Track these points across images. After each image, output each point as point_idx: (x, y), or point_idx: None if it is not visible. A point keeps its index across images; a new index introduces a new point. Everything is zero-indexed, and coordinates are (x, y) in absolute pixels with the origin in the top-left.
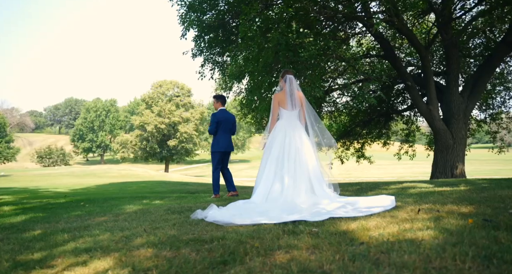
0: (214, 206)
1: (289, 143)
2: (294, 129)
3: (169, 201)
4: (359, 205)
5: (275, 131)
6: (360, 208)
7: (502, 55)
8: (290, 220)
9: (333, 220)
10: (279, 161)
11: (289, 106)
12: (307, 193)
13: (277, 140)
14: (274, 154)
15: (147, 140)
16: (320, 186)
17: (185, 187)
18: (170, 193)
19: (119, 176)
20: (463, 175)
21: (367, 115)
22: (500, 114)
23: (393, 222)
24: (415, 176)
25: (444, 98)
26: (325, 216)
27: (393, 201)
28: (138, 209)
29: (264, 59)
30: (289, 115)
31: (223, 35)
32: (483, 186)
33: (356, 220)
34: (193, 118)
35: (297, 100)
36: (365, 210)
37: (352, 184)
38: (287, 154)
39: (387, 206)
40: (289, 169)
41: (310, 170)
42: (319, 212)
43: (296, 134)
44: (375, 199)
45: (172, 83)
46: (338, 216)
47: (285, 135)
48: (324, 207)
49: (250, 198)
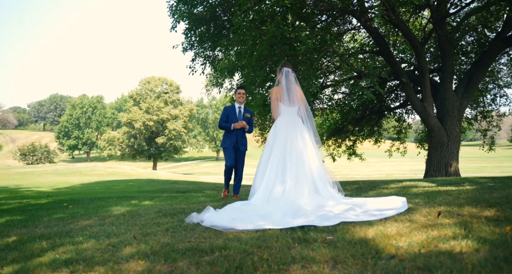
0: (210, 209)
1: (290, 143)
2: (296, 128)
3: (159, 201)
4: (368, 207)
5: (276, 129)
6: (371, 211)
7: (496, 53)
8: (297, 225)
9: (346, 225)
10: (281, 161)
11: (287, 102)
12: (310, 194)
13: (278, 139)
14: (275, 154)
15: (135, 137)
16: (324, 186)
17: (175, 186)
18: (159, 193)
19: (105, 174)
20: (457, 173)
21: (360, 113)
22: (491, 112)
23: (415, 228)
24: (403, 173)
25: (438, 95)
26: (335, 220)
27: (405, 203)
28: (126, 210)
29: (258, 52)
30: (288, 112)
31: (214, 28)
32: (489, 185)
33: (372, 225)
34: (182, 116)
35: (296, 96)
36: (376, 213)
37: (349, 183)
38: (289, 155)
39: (399, 208)
40: (291, 170)
41: (313, 170)
42: (327, 215)
43: (297, 133)
44: (385, 200)
45: (161, 80)
46: (349, 220)
47: (286, 134)
48: (330, 209)
49: (248, 200)
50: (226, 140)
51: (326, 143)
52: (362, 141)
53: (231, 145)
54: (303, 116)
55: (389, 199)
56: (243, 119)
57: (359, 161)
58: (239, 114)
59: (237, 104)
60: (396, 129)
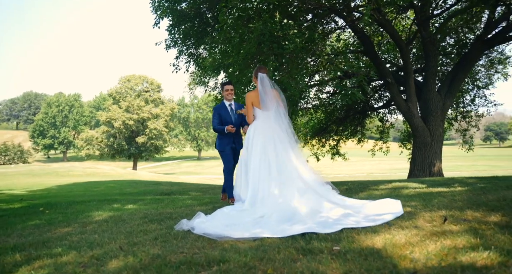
0: (201, 215)
1: (269, 146)
2: (273, 132)
3: (143, 205)
4: (366, 211)
5: (253, 133)
6: (371, 216)
7: (478, 54)
8: (296, 233)
9: (349, 233)
10: (262, 164)
11: (263, 107)
12: (300, 194)
13: (256, 143)
14: (255, 157)
15: (114, 136)
16: (315, 184)
17: (158, 187)
18: (142, 195)
19: (84, 175)
20: (440, 172)
21: (343, 113)
22: (470, 112)
23: (424, 236)
24: (384, 172)
25: (422, 95)
26: (336, 227)
27: (400, 205)
28: (108, 216)
29: (246, 50)
30: (265, 116)
31: (199, 26)
32: (480, 186)
33: (376, 232)
34: (163, 115)
35: (273, 100)
36: (377, 218)
37: (336, 183)
38: (270, 157)
39: (397, 213)
40: (274, 171)
41: (298, 170)
42: (327, 222)
43: (275, 136)
44: (382, 204)
45: (141, 78)
46: (350, 227)
47: (264, 138)
48: (328, 214)
49: (234, 204)
50: (222, 142)
51: (310, 143)
52: (346, 141)
53: (228, 146)
54: (282, 118)
55: (385, 202)
56: (237, 116)
57: (340, 160)
58: (232, 112)
59: (226, 102)
60: (379, 129)
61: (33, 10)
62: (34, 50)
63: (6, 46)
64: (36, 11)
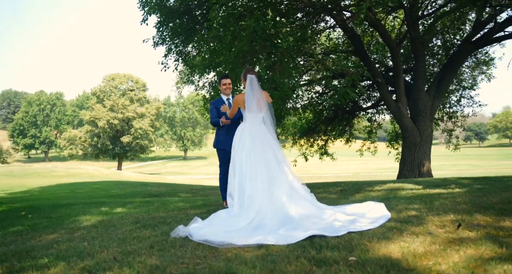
0: (198, 220)
1: (257, 149)
2: (261, 135)
3: (133, 208)
4: (368, 215)
5: (241, 135)
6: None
7: (465, 55)
8: (301, 238)
9: (360, 240)
10: (249, 165)
11: (252, 109)
12: (287, 195)
13: (242, 145)
14: (241, 160)
15: (98, 136)
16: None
17: (146, 189)
18: (130, 197)
19: (67, 175)
20: (430, 172)
21: (332, 113)
22: (456, 113)
23: (442, 243)
24: (370, 171)
25: (411, 96)
26: (340, 231)
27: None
28: (97, 221)
29: (237, 48)
30: (253, 119)
31: (187, 23)
32: (476, 187)
33: (390, 239)
34: (148, 114)
35: (261, 102)
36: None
37: (329, 184)
38: (256, 160)
39: (387, 216)
40: (261, 174)
41: (285, 172)
42: (328, 227)
43: (264, 139)
44: (366, 207)
45: (126, 77)
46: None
47: (252, 141)
48: (325, 219)
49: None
50: (220, 140)
51: (299, 143)
52: (334, 141)
53: (225, 144)
54: (269, 120)
55: (368, 205)
56: (236, 112)
57: (328, 160)
58: (230, 106)
59: (224, 96)
60: (367, 129)
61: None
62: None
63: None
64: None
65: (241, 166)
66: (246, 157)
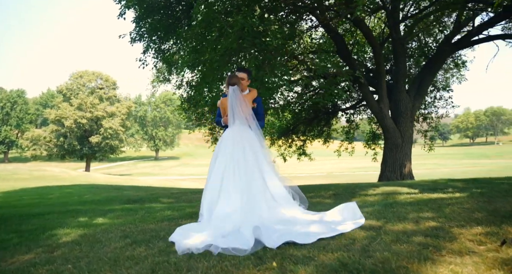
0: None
1: (238, 155)
2: (243, 138)
3: (116, 218)
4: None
5: (222, 141)
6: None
7: (445, 56)
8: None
9: (399, 261)
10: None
11: (235, 115)
12: (268, 205)
13: (222, 153)
14: (219, 169)
15: (65, 135)
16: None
17: (122, 193)
18: (108, 204)
19: (31, 178)
20: (411, 173)
21: (312, 113)
22: (431, 114)
23: (497, 266)
24: (343, 171)
25: (392, 97)
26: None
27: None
28: (78, 235)
29: (225, 46)
30: (237, 125)
31: (167, 19)
32: (476, 191)
33: (434, 261)
34: (119, 113)
35: (246, 108)
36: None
37: (319, 188)
38: (236, 168)
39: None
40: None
41: (267, 182)
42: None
43: (245, 144)
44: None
45: (95, 75)
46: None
47: (233, 147)
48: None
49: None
50: None
51: (277, 143)
52: (312, 141)
53: None
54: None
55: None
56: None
57: (306, 160)
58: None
59: None
60: (345, 129)
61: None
62: None
63: None
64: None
65: (216, 175)
66: (226, 165)
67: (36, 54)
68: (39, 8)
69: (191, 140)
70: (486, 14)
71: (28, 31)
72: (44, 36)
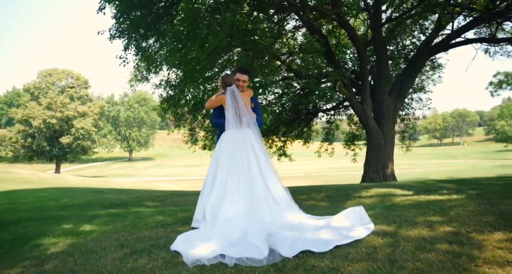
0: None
1: (240, 158)
2: (245, 140)
3: (104, 224)
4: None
5: (222, 143)
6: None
7: (426, 58)
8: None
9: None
10: (229, 180)
11: (234, 114)
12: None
13: (224, 156)
14: (223, 171)
15: (33, 136)
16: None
17: (102, 196)
18: (90, 208)
19: None
20: (393, 174)
21: (293, 114)
22: (408, 115)
23: None
24: (320, 171)
25: (374, 98)
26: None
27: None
28: (68, 245)
29: (213, 44)
30: (237, 124)
31: (148, 15)
32: (471, 192)
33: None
34: (91, 113)
35: (246, 107)
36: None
37: (310, 189)
38: (239, 170)
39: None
40: (244, 187)
41: (270, 185)
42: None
43: (248, 146)
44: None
45: (65, 73)
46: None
47: (235, 149)
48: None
49: None
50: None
51: None
52: (292, 142)
53: None
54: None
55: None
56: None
57: (291, 161)
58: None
59: None
60: (325, 130)
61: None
62: None
63: None
64: None
65: (221, 178)
66: (228, 168)
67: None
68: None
69: (166, 141)
70: (464, 18)
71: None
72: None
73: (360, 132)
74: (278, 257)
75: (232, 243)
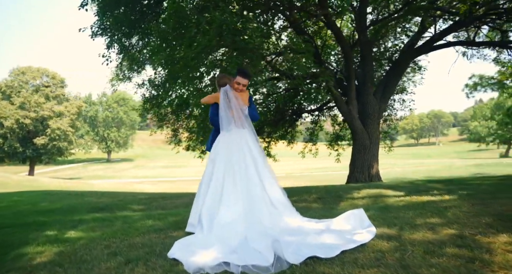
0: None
1: (237, 160)
2: (241, 142)
3: (91, 230)
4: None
5: (219, 145)
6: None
7: (409, 60)
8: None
9: None
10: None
11: (229, 115)
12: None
13: (219, 158)
14: (219, 173)
15: (5, 137)
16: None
17: (83, 199)
18: (72, 212)
19: None
20: (378, 174)
21: (278, 114)
22: (390, 116)
23: None
24: (301, 171)
25: (360, 99)
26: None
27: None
28: (55, 253)
29: (202, 43)
30: (232, 125)
31: (131, 13)
32: (462, 193)
33: None
34: (68, 113)
35: (240, 108)
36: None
37: (300, 190)
38: (236, 172)
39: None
40: (241, 189)
41: (267, 187)
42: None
43: (244, 147)
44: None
45: (40, 71)
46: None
47: (231, 151)
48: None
49: None
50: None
51: None
52: (277, 142)
53: None
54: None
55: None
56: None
57: (275, 161)
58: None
59: None
60: (309, 131)
61: None
62: None
63: None
64: None
65: (216, 186)
66: (225, 170)
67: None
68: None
69: (146, 141)
70: (443, 21)
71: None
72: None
73: (344, 133)
74: (285, 264)
75: (233, 249)
